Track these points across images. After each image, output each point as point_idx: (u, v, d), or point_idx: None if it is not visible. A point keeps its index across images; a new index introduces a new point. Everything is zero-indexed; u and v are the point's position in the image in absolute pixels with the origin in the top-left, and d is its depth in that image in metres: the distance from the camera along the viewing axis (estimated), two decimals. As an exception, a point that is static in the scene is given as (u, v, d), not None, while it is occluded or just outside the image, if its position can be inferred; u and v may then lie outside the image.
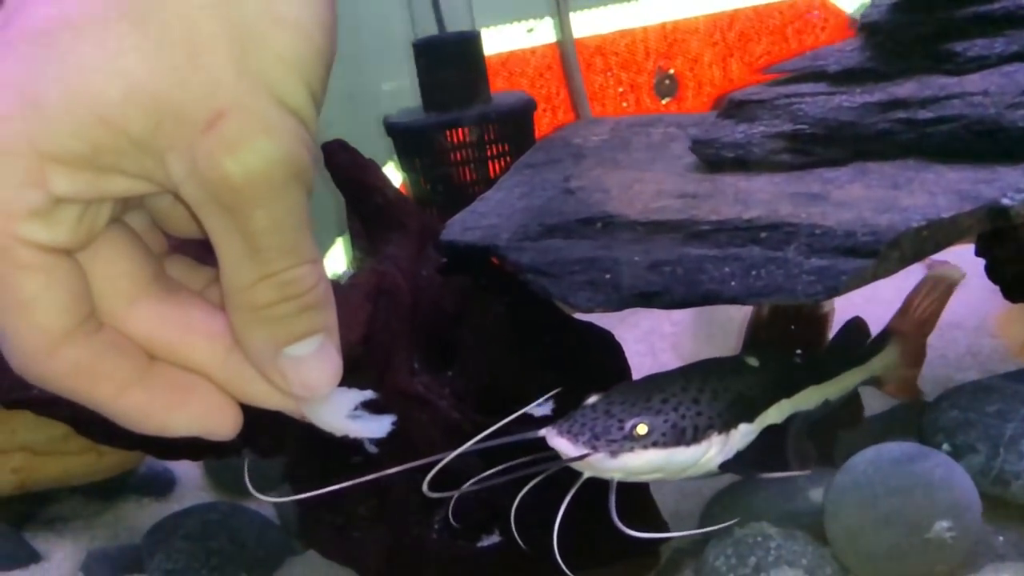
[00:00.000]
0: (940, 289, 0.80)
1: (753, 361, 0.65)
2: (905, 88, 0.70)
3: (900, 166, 0.66)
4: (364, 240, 0.82)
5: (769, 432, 0.62)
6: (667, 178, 0.73)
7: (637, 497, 0.69)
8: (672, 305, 0.59)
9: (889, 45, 0.74)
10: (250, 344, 0.36)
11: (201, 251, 0.41)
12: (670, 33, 1.44)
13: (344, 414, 0.40)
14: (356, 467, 0.61)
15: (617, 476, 0.56)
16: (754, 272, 0.58)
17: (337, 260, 1.35)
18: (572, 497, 0.56)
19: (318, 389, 0.37)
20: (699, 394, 0.58)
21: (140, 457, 0.94)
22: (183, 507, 0.88)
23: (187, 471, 1.00)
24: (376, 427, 0.41)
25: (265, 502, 0.87)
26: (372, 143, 0.81)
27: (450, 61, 1.08)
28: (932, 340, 0.82)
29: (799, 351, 0.71)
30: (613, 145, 0.84)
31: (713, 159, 0.73)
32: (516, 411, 0.59)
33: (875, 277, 0.57)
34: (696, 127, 0.79)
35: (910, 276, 0.71)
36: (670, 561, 0.72)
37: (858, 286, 0.57)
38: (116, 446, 0.77)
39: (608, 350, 0.75)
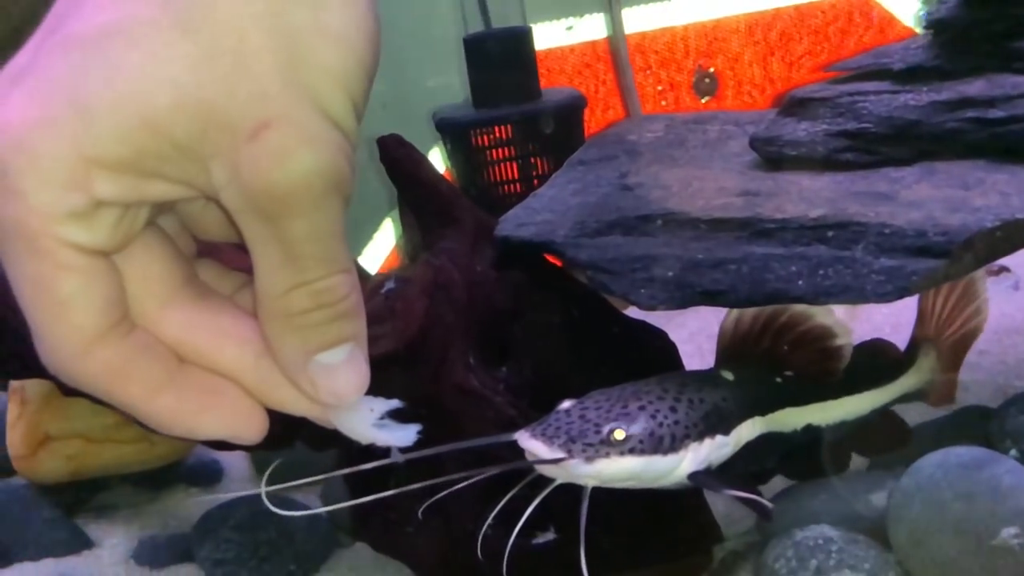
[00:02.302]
0: (961, 288, 0.76)
1: (728, 375, 0.63)
2: (974, 86, 0.68)
3: (969, 166, 0.65)
4: (417, 234, 0.82)
5: (744, 449, 0.60)
6: (727, 176, 0.72)
7: (690, 499, 0.69)
8: (737, 304, 0.59)
9: (957, 43, 0.72)
10: (281, 350, 0.36)
11: (229, 255, 0.41)
12: (711, 31, 1.44)
13: (370, 423, 0.40)
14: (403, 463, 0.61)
15: (590, 483, 0.54)
16: (821, 271, 0.57)
17: (386, 239, 1.36)
18: (626, 501, 0.55)
19: (346, 397, 0.37)
20: (676, 403, 0.57)
21: (190, 447, 0.94)
22: (231, 498, 0.88)
23: (234, 462, 1.01)
24: (402, 436, 0.41)
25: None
26: (416, 139, 0.82)
27: (501, 57, 1.07)
28: (990, 346, 0.80)
29: (787, 373, 0.66)
30: (669, 142, 0.84)
31: (774, 157, 0.72)
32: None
33: (947, 278, 0.56)
34: (754, 125, 0.78)
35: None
36: (723, 563, 0.71)
37: (929, 287, 0.56)
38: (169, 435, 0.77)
39: (662, 349, 0.75)
